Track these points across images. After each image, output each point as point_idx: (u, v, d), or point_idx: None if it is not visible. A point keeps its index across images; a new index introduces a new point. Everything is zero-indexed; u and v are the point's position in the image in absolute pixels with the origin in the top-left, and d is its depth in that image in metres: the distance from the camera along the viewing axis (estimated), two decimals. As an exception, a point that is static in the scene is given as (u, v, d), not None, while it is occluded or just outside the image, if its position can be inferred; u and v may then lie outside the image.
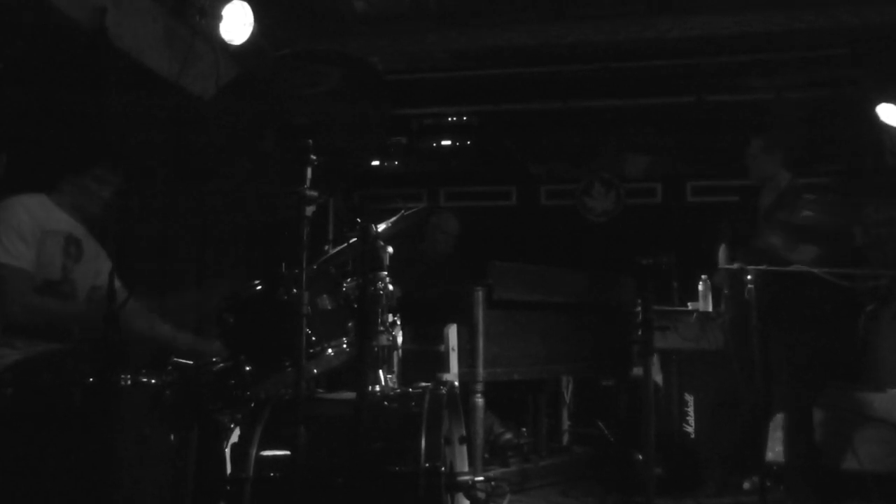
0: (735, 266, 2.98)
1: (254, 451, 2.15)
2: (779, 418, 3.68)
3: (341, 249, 2.56)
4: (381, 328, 2.40)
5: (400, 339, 2.55)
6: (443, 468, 2.10)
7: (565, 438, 4.49)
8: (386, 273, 2.39)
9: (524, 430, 4.13)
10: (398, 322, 2.53)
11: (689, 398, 4.00)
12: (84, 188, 2.54)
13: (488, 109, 5.61)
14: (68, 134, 3.04)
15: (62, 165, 2.58)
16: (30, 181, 2.55)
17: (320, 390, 2.72)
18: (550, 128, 5.95)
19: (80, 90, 3.15)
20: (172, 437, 2.09)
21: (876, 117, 4.57)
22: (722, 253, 3.75)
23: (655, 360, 3.94)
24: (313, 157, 2.07)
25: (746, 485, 3.70)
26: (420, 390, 2.30)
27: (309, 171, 2.05)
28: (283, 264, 2.29)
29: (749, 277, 2.90)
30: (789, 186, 3.54)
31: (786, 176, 3.59)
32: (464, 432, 2.60)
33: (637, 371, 4.30)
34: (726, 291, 3.66)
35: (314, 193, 2.02)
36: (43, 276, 2.40)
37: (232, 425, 2.46)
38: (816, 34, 4.45)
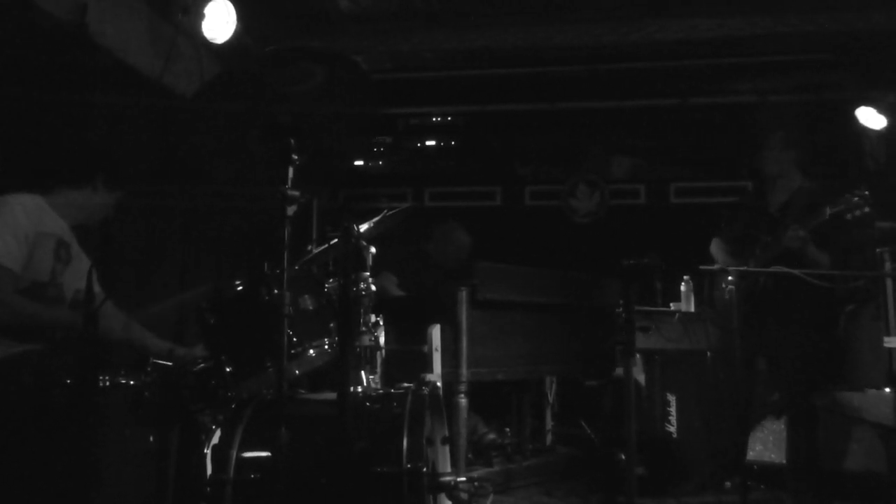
0: (716, 267, 3.00)
1: (235, 452, 2.14)
2: (769, 418, 3.72)
3: (323, 249, 2.55)
4: (364, 328, 2.40)
5: (383, 340, 2.55)
6: (425, 469, 2.10)
7: (549, 439, 4.51)
8: (368, 273, 2.39)
9: (508, 430, 4.14)
10: (381, 322, 2.53)
11: (672, 398, 4.03)
12: (77, 201, 2.55)
13: (475, 110, 5.62)
14: (55, 136, 3.02)
15: (57, 175, 2.58)
16: (20, 181, 2.54)
17: (302, 391, 2.70)
18: (536, 129, 5.96)
19: (62, 88, 3.12)
20: (152, 437, 2.08)
21: (856, 121, 4.62)
22: (715, 246, 3.69)
23: (638, 360, 3.96)
24: (295, 156, 2.06)
25: (728, 484, 3.73)
26: (402, 391, 2.30)
27: (291, 170, 2.04)
28: (265, 264, 2.29)
29: (730, 279, 2.92)
30: (801, 188, 3.50)
31: (797, 176, 3.54)
32: (446, 433, 2.60)
33: (620, 371, 4.32)
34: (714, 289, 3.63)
35: (296, 193, 2.01)
36: (31, 278, 2.38)
37: (213, 426, 2.45)
38: (800, 38, 4.49)
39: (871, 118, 4.60)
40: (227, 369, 2.25)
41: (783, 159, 3.50)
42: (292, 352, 2.27)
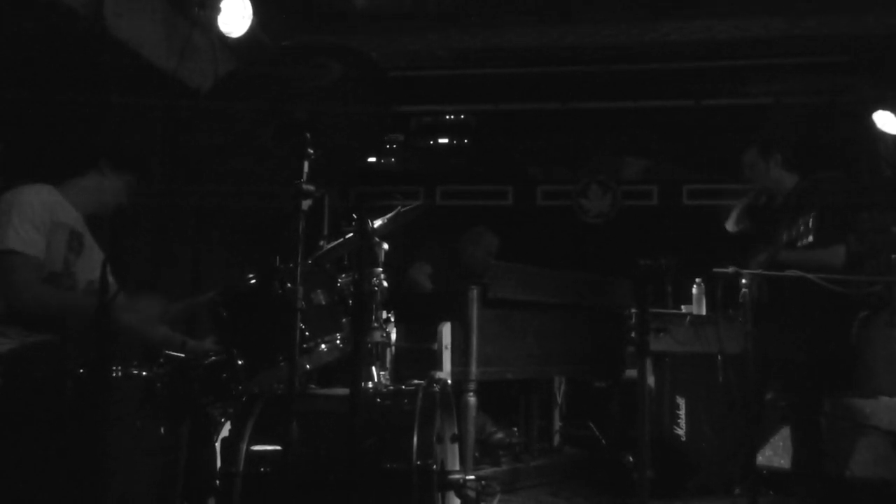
0: (730, 269, 2.97)
1: (244, 446, 2.14)
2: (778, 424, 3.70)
3: (337, 245, 2.55)
4: (375, 325, 2.40)
5: (393, 336, 2.55)
6: (434, 466, 2.10)
7: (556, 439, 4.50)
8: (381, 269, 2.39)
9: (516, 429, 4.14)
10: (392, 319, 2.53)
11: (681, 401, 4.01)
12: (87, 188, 2.56)
13: (487, 109, 5.62)
14: (69, 129, 3.03)
15: (66, 166, 2.59)
16: (32, 173, 2.55)
17: (313, 385, 2.70)
18: (548, 129, 5.95)
19: (77, 81, 3.13)
20: (163, 430, 2.08)
21: (872, 125, 4.58)
22: (735, 215, 3.65)
23: (648, 362, 3.93)
24: (311, 151, 2.06)
25: (736, 490, 3.71)
26: (413, 388, 2.30)
27: (306, 164, 2.04)
28: (278, 258, 2.28)
29: (744, 281, 2.90)
30: (794, 189, 3.46)
31: (788, 176, 3.51)
32: (456, 431, 2.59)
33: (630, 373, 4.30)
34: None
35: (311, 188, 2.01)
36: (47, 268, 2.39)
37: (223, 419, 2.45)
38: (816, 41, 4.47)
39: (888, 122, 4.56)
40: (239, 363, 2.25)
41: (766, 169, 3.50)
42: (304, 346, 2.26)
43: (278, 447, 2.00)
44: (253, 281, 2.35)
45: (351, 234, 2.48)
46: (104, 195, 2.60)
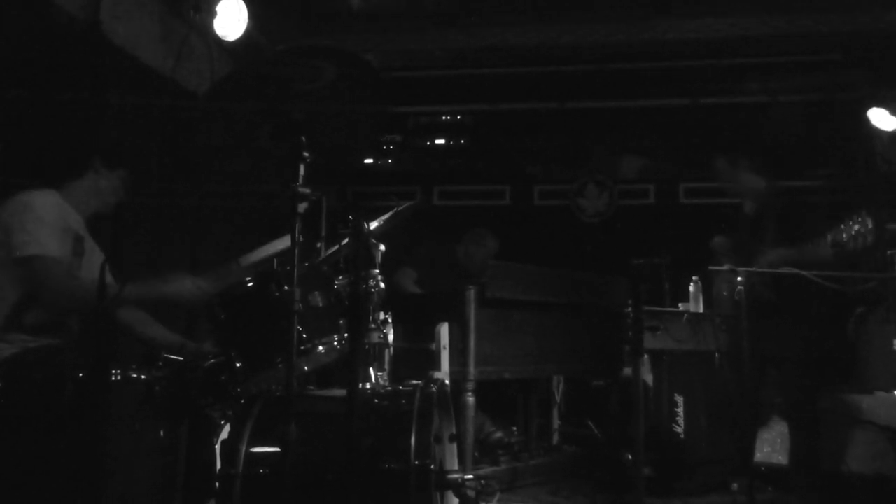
0: (726, 268, 2.99)
1: (244, 448, 2.15)
2: (774, 419, 3.71)
3: (334, 247, 2.56)
4: (373, 326, 2.41)
5: (391, 337, 2.56)
6: (432, 466, 2.11)
7: (555, 438, 4.51)
8: (378, 271, 2.40)
9: (515, 429, 4.15)
10: (390, 320, 2.54)
11: (679, 398, 4.02)
12: (86, 189, 2.57)
13: (485, 109, 5.63)
14: (68, 131, 3.04)
15: (63, 168, 2.60)
16: (31, 174, 2.57)
17: (311, 387, 2.72)
18: (546, 128, 5.96)
19: (74, 84, 3.14)
20: (162, 432, 2.09)
21: (867, 122, 4.60)
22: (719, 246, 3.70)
23: (646, 360, 3.95)
24: (306, 154, 2.07)
25: (735, 486, 3.72)
26: (410, 388, 2.31)
27: (302, 168, 2.05)
28: (275, 261, 2.30)
29: (739, 279, 2.91)
30: (769, 190, 3.54)
31: (759, 180, 3.59)
32: (454, 431, 2.61)
33: (628, 371, 4.32)
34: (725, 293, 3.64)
35: (307, 190, 2.02)
36: None
37: (222, 421, 2.47)
38: (812, 39, 4.48)
39: (882, 119, 4.58)
40: (237, 365, 2.26)
41: (736, 178, 3.55)
42: (301, 348, 2.28)
43: (277, 448, 2.01)
44: (250, 283, 2.36)
45: (347, 238, 2.49)
46: (103, 194, 2.61)
